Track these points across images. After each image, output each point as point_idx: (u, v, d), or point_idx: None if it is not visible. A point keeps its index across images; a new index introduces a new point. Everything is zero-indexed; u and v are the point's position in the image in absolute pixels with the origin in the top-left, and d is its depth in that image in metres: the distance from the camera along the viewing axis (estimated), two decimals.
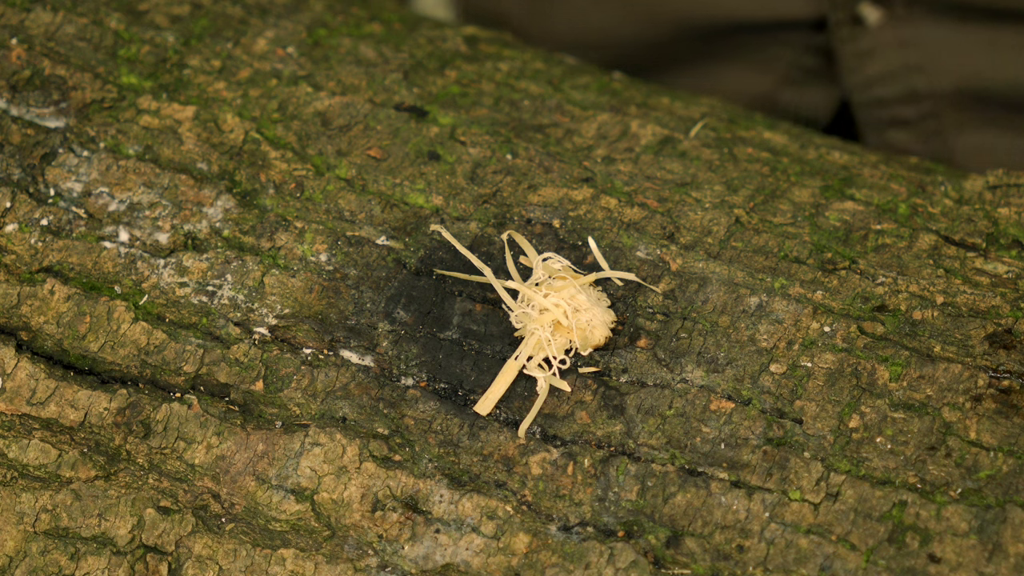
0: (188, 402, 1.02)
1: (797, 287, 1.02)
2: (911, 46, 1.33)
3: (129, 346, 1.04)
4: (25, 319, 1.05)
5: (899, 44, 1.33)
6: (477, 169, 1.08)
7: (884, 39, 1.33)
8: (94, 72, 1.12)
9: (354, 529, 0.99)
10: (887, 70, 1.33)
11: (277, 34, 1.15)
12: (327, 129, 1.10)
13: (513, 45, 1.19)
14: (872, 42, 1.33)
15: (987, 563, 0.94)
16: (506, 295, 1.02)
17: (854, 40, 1.33)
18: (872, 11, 1.32)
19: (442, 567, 0.98)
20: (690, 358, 1.01)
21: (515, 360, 1.01)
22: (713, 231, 1.05)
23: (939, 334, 1.00)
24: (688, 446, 0.98)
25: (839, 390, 0.99)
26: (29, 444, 1.02)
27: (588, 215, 1.06)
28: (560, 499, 0.98)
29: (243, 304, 1.04)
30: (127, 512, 1.01)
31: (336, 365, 1.02)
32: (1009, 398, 0.98)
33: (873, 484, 0.96)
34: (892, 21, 1.32)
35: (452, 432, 1.00)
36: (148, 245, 1.06)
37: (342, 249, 1.06)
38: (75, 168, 1.09)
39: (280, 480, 1.00)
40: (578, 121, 1.11)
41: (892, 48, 1.33)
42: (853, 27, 1.33)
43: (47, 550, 1.01)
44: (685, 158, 1.09)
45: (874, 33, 1.32)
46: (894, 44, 1.33)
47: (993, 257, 1.04)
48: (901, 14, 1.32)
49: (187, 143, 1.09)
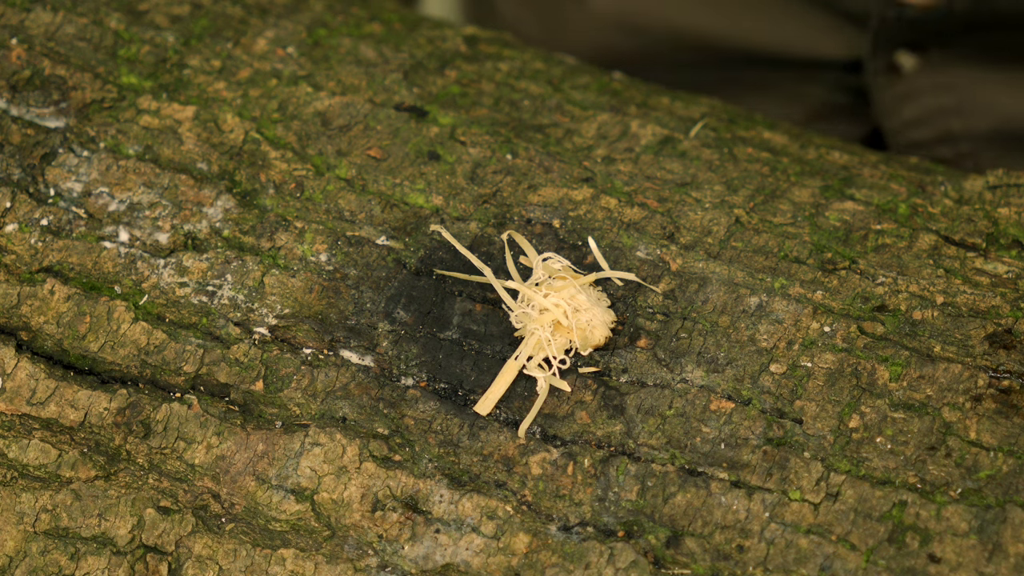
0: (188, 402, 1.02)
1: (797, 287, 1.02)
2: (946, 90, 1.33)
3: (129, 346, 1.04)
4: (25, 319, 1.05)
5: (935, 88, 1.34)
6: (477, 169, 1.08)
7: (920, 84, 1.34)
8: (94, 72, 1.12)
9: (354, 529, 0.99)
10: (923, 114, 1.34)
11: (277, 34, 1.15)
12: (327, 129, 1.10)
13: (513, 45, 1.19)
14: (908, 87, 1.34)
15: (987, 563, 0.94)
16: (506, 295, 1.02)
17: (891, 86, 1.34)
18: (908, 58, 1.33)
19: (442, 567, 0.98)
20: (690, 358, 1.01)
21: (515, 360, 1.01)
22: (713, 231, 1.05)
23: (939, 334, 1.00)
24: (688, 446, 0.98)
25: (839, 390, 0.99)
26: (29, 444, 1.02)
27: (588, 215, 1.06)
28: (560, 499, 0.98)
29: (243, 304, 1.04)
30: (127, 512, 1.01)
31: (336, 365, 1.02)
32: (1009, 398, 0.98)
33: (873, 484, 0.96)
34: (927, 66, 1.33)
35: (452, 432, 1.00)
36: (148, 245, 1.06)
37: (342, 249, 1.06)
38: (75, 168, 1.09)
39: (280, 480, 1.00)
40: (578, 121, 1.11)
41: (928, 92, 1.34)
42: (889, 73, 1.33)
43: (47, 550, 1.01)
44: (685, 158, 1.09)
45: (910, 78, 1.33)
46: (930, 88, 1.34)
47: (993, 257, 1.04)
48: (936, 59, 1.33)
49: (187, 143, 1.09)
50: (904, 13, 1.29)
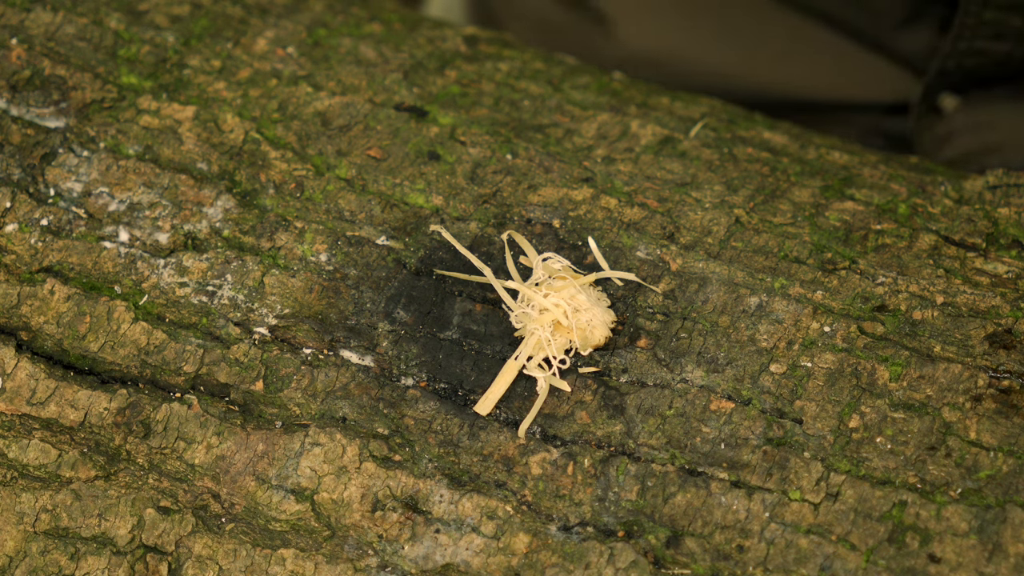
0: (188, 402, 1.02)
1: (797, 287, 1.02)
2: (986, 128, 1.34)
3: (129, 346, 1.04)
4: (25, 319, 1.05)
5: (974, 128, 1.34)
6: (477, 169, 1.08)
7: (959, 124, 1.34)
8: (94, 72, 1.12)
9: (354, 529, 0.99)
10: (963, 152, 1.34)
11: (277, 34, 1.15)
12: (327, 129, 1.10)
13: (513, 45, 1.19)
14: (948, 127, 1.35)
15: (987, 563, 0.94)
16: (506, 295, 1.02)
17: (931, 127, 1.34)
18: (950, 100, 1.34)
19: (442, 567, 0.98)
20: (690, 358, 1.01)
21: (515, 360, 1.01)
22: (713, 231, 1.05)
23: (939, 334, 1.00)
24: (688, 446, 0.98)
25: (839, 390, 0.99)
26: (29, 444, 1.02)
27: (588, 215, 1.06)
28: (560, 499, 0.98)
29: (243, 304, 1.04)
30: (127, 512, 1.01)
31: (336, 365, 1.02)
32: (1009, 398, 0.98)
33: (873, 484, 0.96)
34: (967, 106, 1.33)
35: (452, 432, 1.00)
36: (148, 245, 1.06)
37: (342, 249, 1.06)
38: (75, 168, 1.09)
39: (280, 480, 1.00)
40: (578, 121, 1.11)
41: (968, 132, 1.34)
42: (931, 115, 1.34)
43: (47, 550, 1.01)
44: (685, 158, 1.09)
45: (950, 118, 1.34)
46: (969, 128, 1.34)
47: (993, 257, 1.04)
48: (976, 99, 1.33)
49: (187, 143, 1.09)
50: (964, 62, 1.29)
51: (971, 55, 1.29)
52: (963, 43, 1.29)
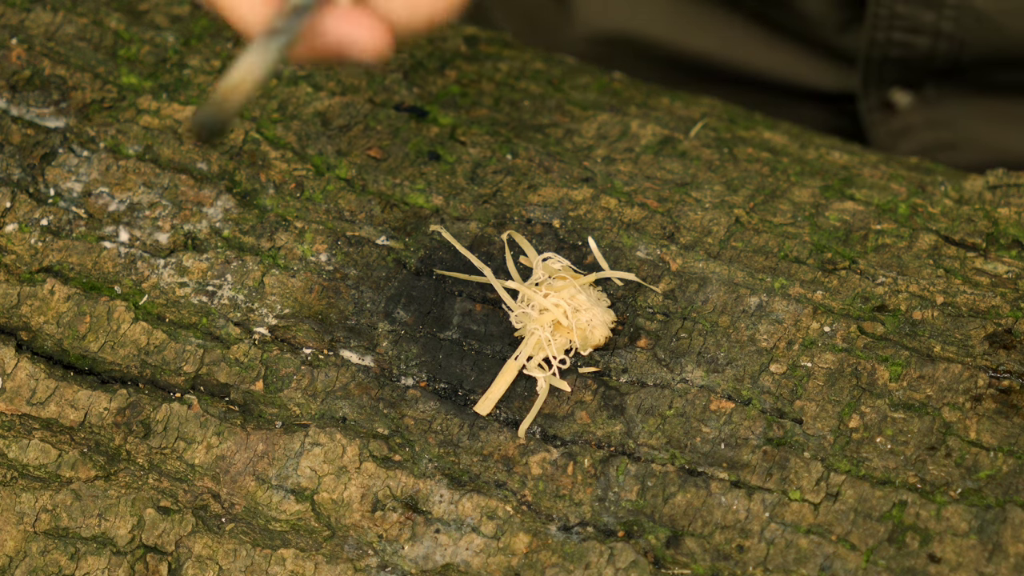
0: (188, 402, 1.02)
1: (797, 287, 1.02)
2: (942, 125, 1.34)
3: (129, 346, 1.04)
4: (25, 319, 1.05)
5: (930, 124, 1.34)
6: (477, 169, 1.08)
7: (915, 120, 1.34)
8: (94, 72, 1.12)
9: (354, 529, 0.99)
10: (918, 149, 1.35)
11: None
12: (327, 129, 1.10)
13: (513, 45, 1.19)
14: (903, 123, 1.35)
15: (987, 563, 0.94)
16: (506, 295, 1.02)
17: (886, 122, 1.35)
18: (903, 95, 1.34)
19: (442, 567, 0.98)
20: (690, 358, 1.01)
21: (515, 360, 1.01)
22: (713, 231, 1.05)
23: (939, 334, 1.00)
24: (688, 446, 0.98)
25: (839, 390, 0.99)
26: (29, 444, 1.02)
27: (588, 215, 1.06)
28: (560, 499, 0.98)
29: (243, 304, 1.04)
30: (127, 512, 1.01)
31: (336, 365, 1.02)
32: (1009, 398, 0.98)
33: (873, 484, 0.96)
34: (922, 103, 1.34)
35: (452, 432, 1.00)
36: (148, 245, 1.06)
37: (342, 249, 1.06)
38: (75, 168, 1.09)
39: (280, 480, 1.00)
40: (578, 121, 1.11)
41: (923, 128, 1.35)
42: (884, 110, 1.34)
43: (47, 550, 1.01)
44: (685, 158, 1.09)
45: (904, 115, 1.34)
46: (925, 125, 1.35)
47: (993, 257, 1.04)
48: (931, 96, 1.33)
49: (187, 143, 1.09)
50: (889, 54, 1.30)
51: (894, 47, 1.30)
52: (880, 34, 1.29)
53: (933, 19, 1.27)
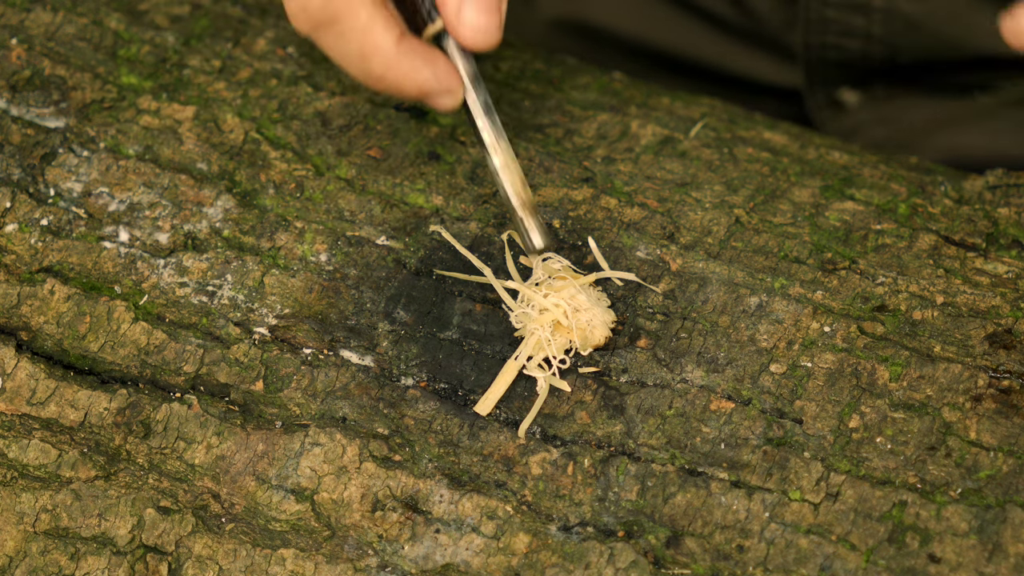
0: (188, 402, 1.02)
1: (797, 287, 1.02)
2: (893, 123, 1.35)
3: (129, 346, 1.04)
4: (25, 319, 1.05)
5: (880, 122, 1.35)
6: (477, 169, 1.08)
7: (864, 118, 1.35)
8: (94, 72, 1.12)
9: (354, 529, 0.99)
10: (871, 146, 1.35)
11: (277, 34, 1.15)
12: (327, 129, 1.10)
13: (513, 45, 1.19)
14: (854, 121, 1.35)
15: (987, 563, 0.94)
16: (506, 295, 1.02)
17: (836, 120, 1.35)
18: (851, 94, 1.34)
19: (442, 567, 0.98)
20: (690, 358, 1.01)
21: (515, 360, 1.01)
22: (713, 231, 1.05)
23: (939, 334, 1.00)
24: (688, 446, 0.98)
25: (839, 390, 0.99)
26: (29, 444, 1.02)
27: (588, 215, 1.06)
28: (560, 499, 0.98)
29: (243, 304, 1.04)
30: (127, 512, 1.01)
31: (336, 365, 1.02)
32: (1009, 398, 0.98)
33: (873, 484, 0.96)
34: (871, 101, 1.34)
35: (452, 432, 1.00)
36: (148, 245, 1.06)
37: (342, 249, 1.06)
38: (75, 168, 1.09)
39: (280, 480, 1.00)
40: (578, 121, 1.11)
41: (873, 126, 1.35)
42: (833, 108, 1.35)
43: (47, 550, 1.01)
44: (685, 158, 1.09)
45: (854, 113, 1.35)
46: (875, 122, 1.35)
47: (993, 257, 1.04)
48: (880, 94, 1.34)
49: (187, 143, 1.09)
50: (826, 56, 1.31)
51: (829, 49, 1.31)
52: (814, 38, 1.30)
53: (863, 23, 1.28)
